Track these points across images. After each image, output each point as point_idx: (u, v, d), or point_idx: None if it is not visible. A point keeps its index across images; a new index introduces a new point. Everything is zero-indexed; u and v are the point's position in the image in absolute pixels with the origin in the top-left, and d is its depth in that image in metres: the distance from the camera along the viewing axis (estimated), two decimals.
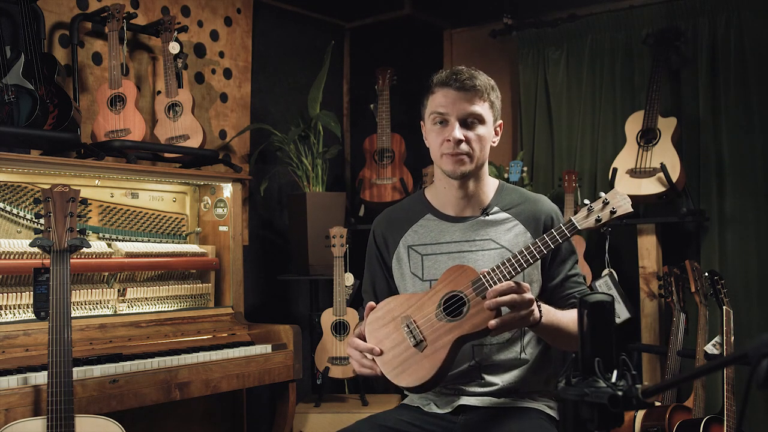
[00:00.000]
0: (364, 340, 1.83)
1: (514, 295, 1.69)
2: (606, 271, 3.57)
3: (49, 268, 2.23)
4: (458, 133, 1.88)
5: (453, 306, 1.77)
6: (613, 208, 1.73)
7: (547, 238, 1.75)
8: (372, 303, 1.88)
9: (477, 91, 1.89)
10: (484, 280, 1.74)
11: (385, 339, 1.80)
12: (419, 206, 2.06)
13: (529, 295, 1.71)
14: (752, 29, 3.52)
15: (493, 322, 1.69)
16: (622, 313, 3.47)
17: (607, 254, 3.59)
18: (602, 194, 1.75)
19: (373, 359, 1.80)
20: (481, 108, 1.90)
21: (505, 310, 1.72)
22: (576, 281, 1.98)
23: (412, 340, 1.76)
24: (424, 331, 1.76)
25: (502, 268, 1.74)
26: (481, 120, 1.91)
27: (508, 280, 1.72)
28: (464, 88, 1.88)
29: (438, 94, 1.92)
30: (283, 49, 4.21)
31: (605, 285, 3.51)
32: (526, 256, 1.74)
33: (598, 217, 1.74)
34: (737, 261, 3.53)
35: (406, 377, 1.74)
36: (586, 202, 1.77)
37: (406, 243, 2.02)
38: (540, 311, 1.77)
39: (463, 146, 1.89)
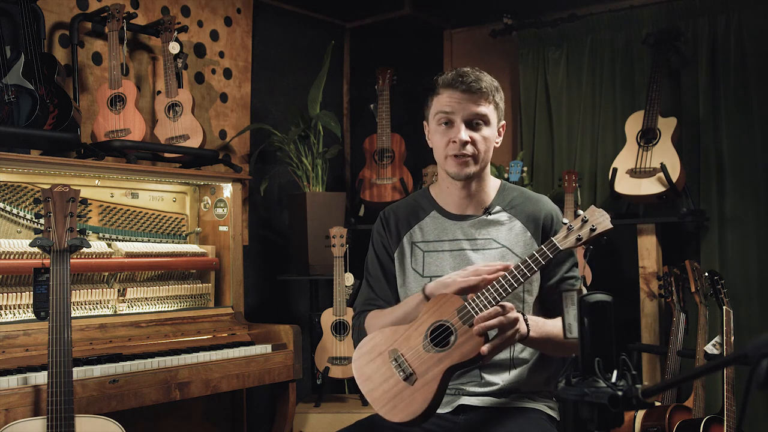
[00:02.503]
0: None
1: (501, 318, 1.70)
2: None
3: (49, 268, 2.23)
4: (464, 134, 1.90)
5: (440, 336, 1.75)
6: (593, 226, 1.72)
7: (529, 261, 1.73)
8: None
9: (483, 92, 1.91)
10: (469, 307, 1.74)
11: (374, 374, 1.78)
12: (425, 203, 2.07)
13: (514, 314, 1.72)
14: (752, 29, 3.52)
15: (485, 348, 1.69)
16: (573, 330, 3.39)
17: (585, 267, 3.47)
18: (580, 212, 1.74)
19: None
20: (487, 109, 1.92)
21: (492, 334, 1.72)
22: (572, 284, 1.98)
23: (401, 374, 1.75)
24: (412, 364, 1.75)
25: (486, 294, 1.73)
26: (486, 121, 1.93)
27: (493, 305, 1.72)
28: (470, 90, 1.90)
29: (443, 95, 1.93)
30: (283, 49, 4.21)
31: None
32: (510, 281, 1.73)
33: (579, 236, 1.72)
34: (737, 261, 3.53)
35: (398, 413, 1.72)
36: (565, 221, 1.76)
37: (410, 239, 2.03)
38: (527, 325, 1.78)
39: (469, 148, 1.90)
